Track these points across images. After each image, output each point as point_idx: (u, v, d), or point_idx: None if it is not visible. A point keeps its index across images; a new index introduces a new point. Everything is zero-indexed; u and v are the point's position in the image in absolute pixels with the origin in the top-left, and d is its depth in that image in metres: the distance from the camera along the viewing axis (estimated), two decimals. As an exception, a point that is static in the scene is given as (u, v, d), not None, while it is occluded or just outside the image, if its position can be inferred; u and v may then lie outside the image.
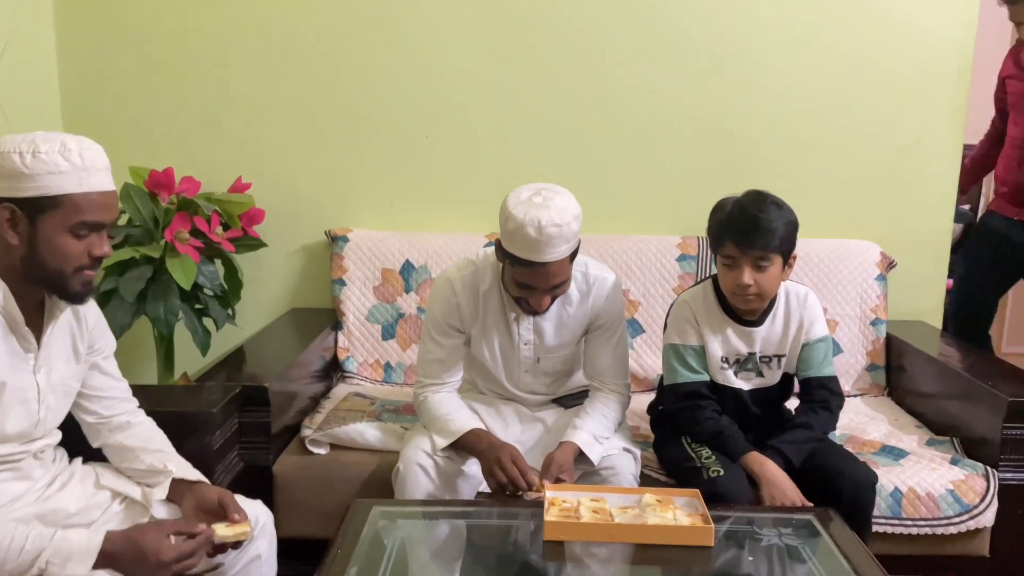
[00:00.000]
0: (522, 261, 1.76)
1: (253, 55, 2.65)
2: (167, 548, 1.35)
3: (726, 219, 1.83)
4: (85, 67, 2.66)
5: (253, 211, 2.51)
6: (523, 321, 1.95)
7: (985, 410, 2.04)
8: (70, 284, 1.39)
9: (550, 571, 1.52)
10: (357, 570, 1.44)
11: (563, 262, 1.79)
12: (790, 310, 1.93)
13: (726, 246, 1.82)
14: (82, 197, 1.35)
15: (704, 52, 2.63)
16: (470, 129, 2.68)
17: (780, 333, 1.93)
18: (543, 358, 1.99)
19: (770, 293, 1.86)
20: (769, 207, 1.81)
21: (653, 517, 1.57)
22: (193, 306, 2.36)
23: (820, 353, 1.93)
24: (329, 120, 2.69)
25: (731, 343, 1.93)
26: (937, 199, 2.69)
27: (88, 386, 1.56)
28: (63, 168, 1.33)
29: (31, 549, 1.29)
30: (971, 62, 2.62)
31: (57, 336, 1.46)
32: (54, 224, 1.34)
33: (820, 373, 1.93)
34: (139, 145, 2.63)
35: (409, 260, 2.62)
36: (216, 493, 1.52)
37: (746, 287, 1.80)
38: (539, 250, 1.73)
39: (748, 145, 2.67)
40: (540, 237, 1.72)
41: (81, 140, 1.38)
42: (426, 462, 1.84)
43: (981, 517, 1.96)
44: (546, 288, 1.80)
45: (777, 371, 1.96)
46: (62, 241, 1.35)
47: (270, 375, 2.05)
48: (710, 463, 1.83)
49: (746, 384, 1.95)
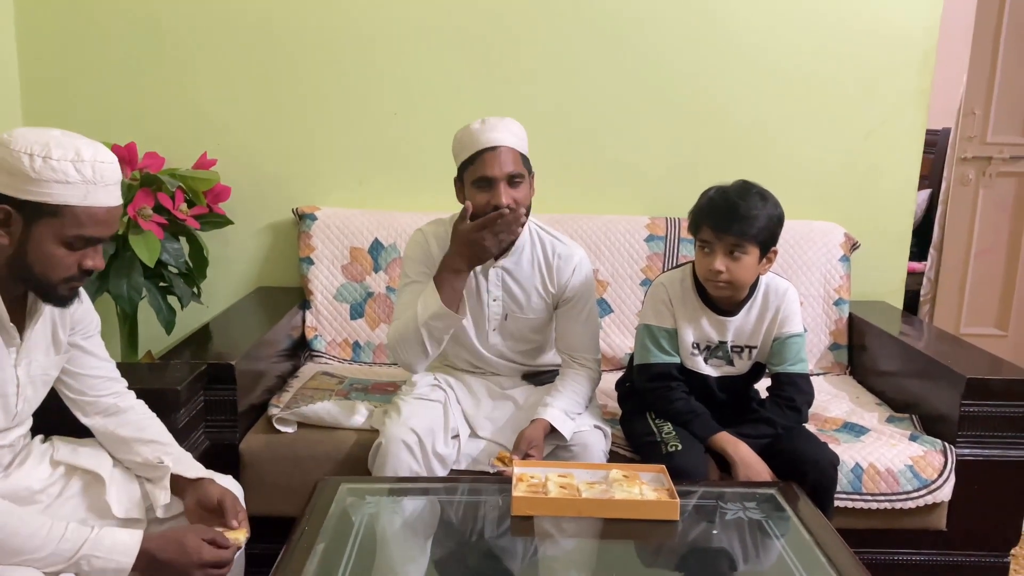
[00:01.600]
0: (473, 157, 1.84)
1: (217, 28, 2.60)
2: (208, 550, 1.36)
3: (706, 203, 1.83)
4: (45, 40, 2.59)
5: (219, 188, 2.48)
6: (491, 275, 1.97)
7: (944, 388, 2.09)
8: (56, 291, 1.36)
9: (518, 546, 1.53)
10: (324, 547, 1.44)
11: (514, 154, 1.85)
12: (767, 303, 1.92)
13: (702, 230, 1.83)
14: (84, 211, 1.29)
15: (672, 35, 2.64)
16: (439, 107, 2.66)
17: (753, 325, 1.93)
18: (511, 316, 2.00)
19: (743, 283, 1.85)
20: (752, 196, 1.80)
21: (620, 492, 1.58)
22: (157, 284, 2.33)
23: (792, 349, 1.92)
24: (296, 96, 2.65)
25: (703, 330, 1.93)
26: (900, 182, 2.73)
27: (72, 365, 1.53)
28: (72, 179, 1.27)
29: (71, 539, 1.29)
30: (935, 47, 2.66)
31: (38, 328, 1.43)
32: (49, 233, 1.29)
33: (790, 369, 1.92)
34: (101, 119, 2.58)
35: (378, 239, 2.60)
36: (217, 494, 1.49)
37: (717, 273, 1.80)
38: (485, 135, 1.84)
39: (716, 127, 2.69)
40: (483, 126, 1.86)
41: (97, 150, 1.31)
42: (410, 439, 1.83)
43: (939, 492, 2.00)
44: (501, 175, 1.83)
45: (747, 361, 1.97)
46: (54, 251, 1.30)
47: (236, 353, 2.03)
48: (669, 438, 1.85)
49: (715, 371, 1.96)
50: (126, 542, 1.32)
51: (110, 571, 1.30)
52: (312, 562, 1.39)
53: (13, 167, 1.26)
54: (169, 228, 2.29)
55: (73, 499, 1.48)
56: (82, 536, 1.30)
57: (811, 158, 2.71)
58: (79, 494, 1.49)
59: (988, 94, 3.61)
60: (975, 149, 3.66)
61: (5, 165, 1.26)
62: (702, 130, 2.69)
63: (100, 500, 1.47)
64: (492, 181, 1.83)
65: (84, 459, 1.52)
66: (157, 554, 1.33)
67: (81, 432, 1.58)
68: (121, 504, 1.48)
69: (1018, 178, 3.69)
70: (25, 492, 1.45)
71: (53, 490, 1.49)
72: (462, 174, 1.90)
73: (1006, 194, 3.70)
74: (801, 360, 1.93)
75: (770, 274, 1.93)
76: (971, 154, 3.67)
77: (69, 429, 1.58)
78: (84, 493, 1.49)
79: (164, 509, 1.49)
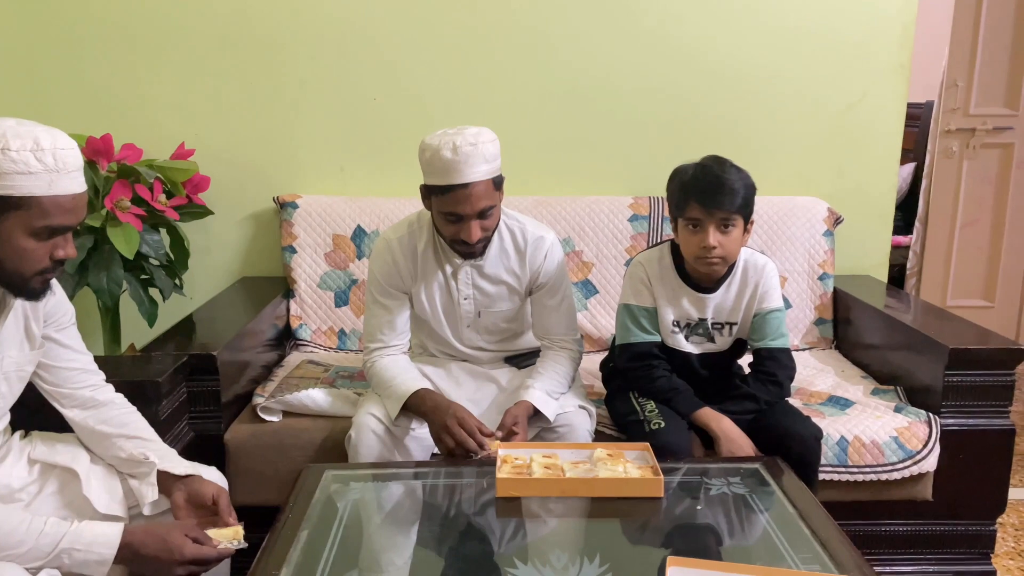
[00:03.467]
0: (444, 188, 1.76)
1: (193, 15, 2.57)
2: (191, 547, 1.35)
3: (690, 180, 1.81)
4: (17, 31, 2.56)
5: (197, 178, 2.46)
6: (461, 275, 1.95)
7: (928, 359, 2.09)
8: (28, 285, 1.33)
9: (504, 528, 1.53)
10: (308, 533, 1.44)
11: (486, 185, 1.77)
12: (747, 278, 1.92)
13: (690, 207, 1.80)
14: (50, 200, 1.27)
15: (651, 12, 2.62)
16: (419, 92, 2.64)
17: (733, 301, 1.93)
18: (484, 312, 1.99)
19: (733, 256, 1.86)
20: (730, 169, 1.81)
21: (604, 471, 1.58)
22: (138, 276, 2.32)
23: (773, 324, 1.92)
24: (275, 83, 2.63)
25: (683, 308, 1.93)
26: (882, 156, 2.73)
27: (47, 358, 1.51)
28: (34, 169, 1.25)
29: (50, 533, 1.28)
30: (915, 20, 2.65)
31: (10, 324, 1.41)
32: (17, 226, 1.27)
33: (771, 344, 1.92)
34: (76, 111, 2.55)
35: (360, 225, 2.59)
36: (211, 491, 1.47)
37: (711, 248, 1.79)
38: (458, 170, 1.73)
39: (697, 105, 2.68)
40: (456, 156, 1.72)
41: (56, 137, 1.29)
42: (378, 427, 1.84)
43: (924, 462, 2.01)
44: (472, 214, 1.78)
45: (728, 338, 1.97)
46: (23, 243, 1.28)
47: (219, 343, 2.02)
48: (652, 416, 1.86)
49: (696, 348, 1.96)
50: (107, 534, 1.32)
51: (92, 563, 1.30)
52: (296, 549, 1.39)
53: None
54: (148, 220, 2.27)
55: (52, 497, 1.47)
56: (62, 530, 1.29)
57: (792, 133, 2.70)
58: (57, 492, 1.48)
59: (970, 66, 3.62)
60: (958, 121, 3.66)
61: None
62: (683, 109, 2.67)
63: (79, 497, 1.46)
64: (463, 217, 1.79)
65: (60, 456, 1.51)
66: (139, 548, 1.33)
67: (61, 427, 1.57)
68: (102, 501, 1.47)
69: (1002, 149, 3.70)
70: (5, 491, 1.44)
71: (32, 488, 1.48)
72: (430, 192, 1.82)
73: (990, 166, 3.71)
74: (782, 335, 1.94)
75: (748, 249, 1.94)
76: (954, 126, 3.67)
77: (49, 423, 1.57)
78: (62, 491, 1.48)
79: (150, 506, 1.48)
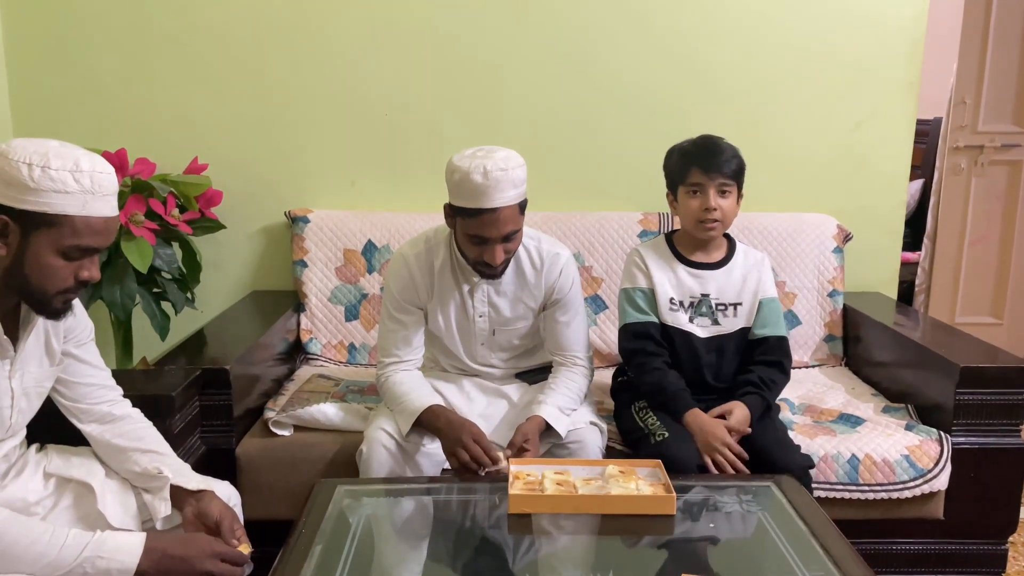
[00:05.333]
0: (472, 211, 1.77)
1: (207, 32, 2.60)
2: (217, 543, 1.39)
3: (691, 147, 1.94)
4: (34, 47, 2.59)
5: (210, 192, 2.47)
6: (477, 293, 1.95)
7: (939, 377, 2.09)
8: (51, 303, 1.35)
9: (515, 544, 1.53)
10: (322, 548, 1.44)
11: (513, 210, 1.79)
12: (748, 263, 2.03)
13: (691, 174, 1.92)
14: (82, 221, 1.29)
15: (661, 28, 2.64)
16: (430, 108, 2.66)
17: (739, 282, 2.00)
18: (498, 331, 2.00)
19: (729, 222, 1.96)
20: (724, 142, 1.95)
21: (616, 488, 1.58)
22: (151, 290, 2.33)
23: (775, 312, 2.02)
24: (287, 99, 2.65)
25: (683, 283, 2.00)
26: (891, 173, 2.73)
27: (66, 373, 1.52)
28: (71, 189, 1.27)
29: (72, 544, 1.29)
30: (924, 37, 2.66)
31: (32, 339, 1.42)
32: (47, 243, 1.29)
33: (775, 332, 2.00)
34: (91, 126, 2.58)
35: (371, 240, 2.60)
36: (216, 512, 1.47)
37: (712, 210, 1.90)
38: (487, 195, 1.74)
39: (707, 121, 2.66)
40: (487, 181, 1.73)
41: (95, 161, 1.31)
42: (389, 442, 1.85)
43: (935, 481, 2.00)
44: (498, 237, 1.79)
45: (734, 319, 2.00)
46: (51, 261, 1.30)
47: (231, 357, 2.03)
48: (655, 428, 1.87)
49: (702, 331, 2.00)
50: (130, 542, 1.33)
51: (114, 572, 1.30)
52: (310, 564, 1.39)
53: (12, 177, 1.26)
54: (161, 234, 2.28)
55: (67, 511, 1.48)
56: (84, 540, 1.31)
57: (801, 150, 2.71)
58: (72, 506, 1.49)
59: (978, 83, 3.62)
60: (967, 138, 3.67)
61: (3, 175, 1.26)
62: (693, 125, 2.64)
63: (93, 512, 1.47)
64: (488, 240, 1.80)
65: (76, 470, 1.51)
66: (167, 549, 1.34)
67: (76, 440, 1.58)
68: (116, 515, 1.47)
69: (1010, 166, 3.70)
70: (21, 504, 1.44)
71: (48, 502, 1.48)
72: (455, 213, 1.83)
73: (998, 182, 3.71)
74: (781, 323, 2.04)
75: (742, 244, 2.05)
76: (963, 143, 3.68)
77: (64, 437, 1.58)
78: (77, 505, 1.49)
79: (163, 521, 1.48)
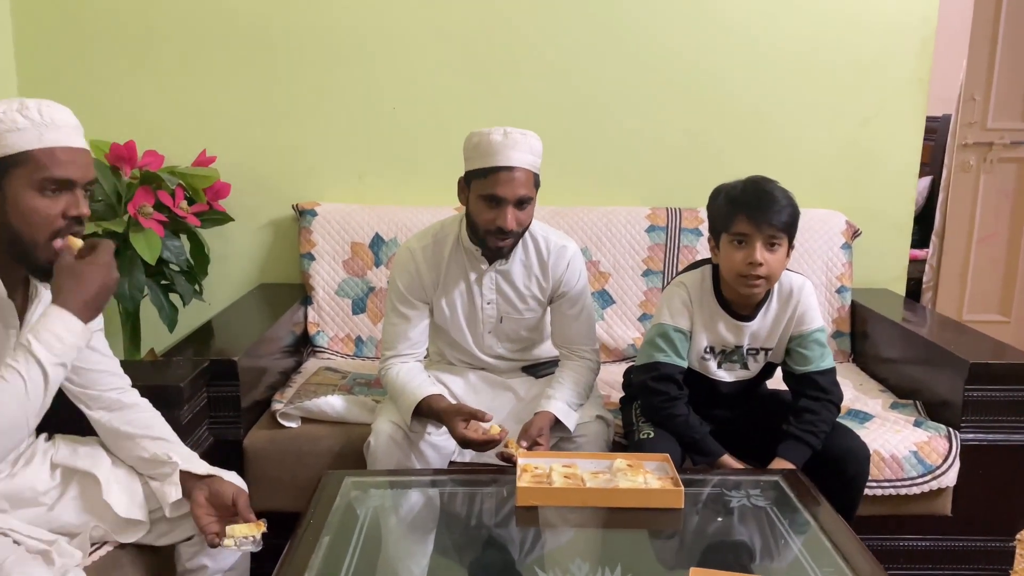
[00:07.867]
0: (488, 170, 1.78)
1: (215, 24, 2.60)
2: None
3: (739, 194, 1.74)
4: (42, 39, 2.59)
5: (218, 185, 2.47)
6: (485, 280, 1.96)
7: (947, 373, 2.08)
8: (40, 253, 1.34)
9: (523, 536, 1.53)
10: (329, 540, 1.44)
11: (528, 175, 1.81)
12: (784, 303, 1.86)
13: (737, 222, 1.73)
14: (44, 153, 1.32)
15: (671, 25, 2.63)
16: (438, 101, 2.66)
17: (770, 328, 1.87)
18: (505, 318, 2.00)
19: (776, 277, 1.79)
20: (778, 188, 1.75)
21: (624, 481, 1.58)
22: (159, 282, 2.33)
23: (817, 347, 1.85)
24: (295, 92, 2.65)
25: (720, 335, 1.87)
26: (900, 170, 2.72)
27: (76, 360, 1.48)
28: (20, 125, 1.31)
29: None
30: (934, 34, 2.65)
31: (40, 312, 1.41)
32: (21, 185, 1.31)
33: (822, 366, 1.85)
34: (99, 118, 2.56)
35: (379, 233, 2.60)
36: (231, 491, 1.48)
37: (758, 265, 1.72)
38: (504, 152, 1.77)
39: (715, 117, 2.68)
40: (506, 140, 1.78)
41: (42, 101, 1.35)
42: (397, 434, 1.85)
43: (943, 477, 2.00)
44: (512, 198, 1.79)
45: (761, 363, 1.92)
46: (30, 202, 1.32)
47: (239, 349, 2.03)
48: (644, 426, 1.87)
49: (728, 376, 1.91)
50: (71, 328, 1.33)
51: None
52: (317, 555, 1.39)
53: None
54: (170, 226, 2.29)
55: (73, 501, 1.48)
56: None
57: (811, 146, 2.70)
58: (79, 496, 1.49)
59: (988, 80, 3.61)
60: (975, 135, 3.65)
61: None
62: (701, 120, 2.68)
63: (100, 502, 1.47)
64: (502, 201, 1.80)
65: (82, 461, 1.52)
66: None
67: (85, 429, 1.58)
68: (122, 505, 1.48)
69: (1019, 163, 3.68)
70: (29, 493, 1.45)
71: (54, 492, 1.49)
72: (470, 179, 1.84)
73: (1007, 180, 3.70)
74: (829, 354, 1.88)
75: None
76: (972, 140, 3.66)
77: (72, 427, 1.58)
78: (83, 495, 1.49)
79: (172, 507, 1.49)
